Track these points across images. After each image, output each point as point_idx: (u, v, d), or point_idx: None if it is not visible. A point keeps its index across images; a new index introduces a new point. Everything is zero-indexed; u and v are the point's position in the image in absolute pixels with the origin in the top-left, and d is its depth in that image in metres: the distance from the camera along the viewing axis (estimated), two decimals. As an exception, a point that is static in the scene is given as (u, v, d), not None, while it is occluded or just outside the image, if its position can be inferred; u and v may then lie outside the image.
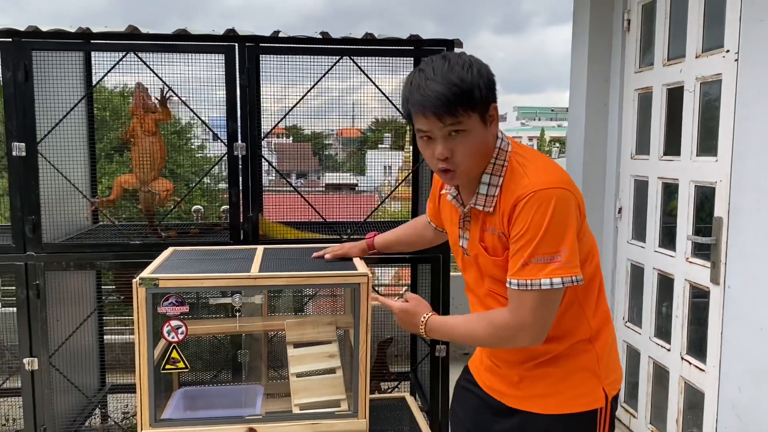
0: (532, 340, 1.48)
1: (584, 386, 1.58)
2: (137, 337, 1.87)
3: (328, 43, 2.83)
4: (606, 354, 1.62)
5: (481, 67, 1.45)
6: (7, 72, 2.61)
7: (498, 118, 1.50)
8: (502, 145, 1.52)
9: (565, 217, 1.40)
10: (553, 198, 1.39)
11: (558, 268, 1.40)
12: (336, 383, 2.16)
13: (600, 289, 1.63)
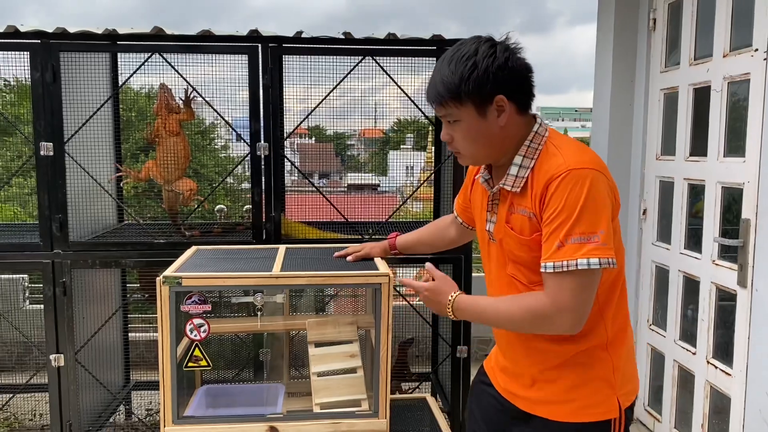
0: (572, 324, 1.43)
1: (598, 395, 1.53)
2: (161, 334, 1.89)
3: (350, 43, 2.83)
4: (623, 363, 1.57)
5: (481, 61, 1.45)
6: (35, 73, 2.66)
7: (508, 109, 1.48)
8: (539, 130, 1.53)
9: (601, 197, 1.39)
10: (588, 177, 1.38)
11: (595, 249, 1.36)
12: (357, 383, 2.17)
13: (622, 293, 1.58)
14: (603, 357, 1.54)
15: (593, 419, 1.53)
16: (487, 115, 1.48)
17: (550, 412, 1.56)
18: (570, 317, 1.41)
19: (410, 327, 3.58)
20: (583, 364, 1.53)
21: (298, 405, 2.31)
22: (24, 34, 2.68)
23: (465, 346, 2.91)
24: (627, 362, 1.59)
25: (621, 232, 1.56)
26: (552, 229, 1.40)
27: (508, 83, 1.46)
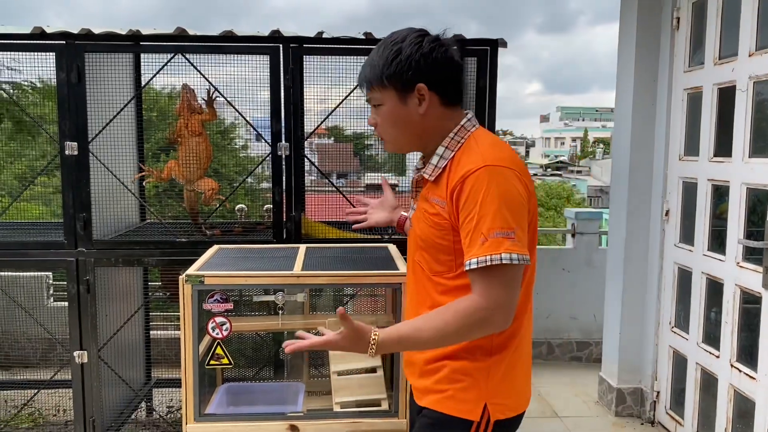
0: (506, 319, 1.39)
1: (465, 393, 1.49)
2: (183, 332, 1.91)
3: (371, 43, 2.83)
4: (502, 372, 1.50)
5: (406, 48, 1.47)
6: (61, 73, 2.69)
7: (429, 98, 1.48)
8: (466, 124, 1.52)
9: (516, 195, 1.39)
10: (503, 174, 1.39)
11: (513, 245, 1.35)
12: (376, 382, 2.17)
13: (523, 302, 1.50)
14: (481, 359, 1.49)
15: (454, 414, 1.49)
16: (408, 102, 1.49)
17: (429, 402, 1.53)
18: (503, 312, 1.38)
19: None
20: (463, 359, 1.48)
21: (317, 404, 2.32)
22: (50, 35, 2.72)
23: (485, 347, 2.90)
24: (508, 373, 1.51)
25: (641, 233, 1.53)
26: (474, 224, 1.37)
27: (430, 73, 1.47)
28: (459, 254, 1.43)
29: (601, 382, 3.95)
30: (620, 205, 3.71)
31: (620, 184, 3.71)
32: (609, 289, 3.90)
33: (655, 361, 3.58)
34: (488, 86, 2.81)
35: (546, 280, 4.73)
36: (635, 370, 3.72)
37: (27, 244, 2.86)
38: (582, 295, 4.74)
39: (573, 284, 4.74)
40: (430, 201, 1.51)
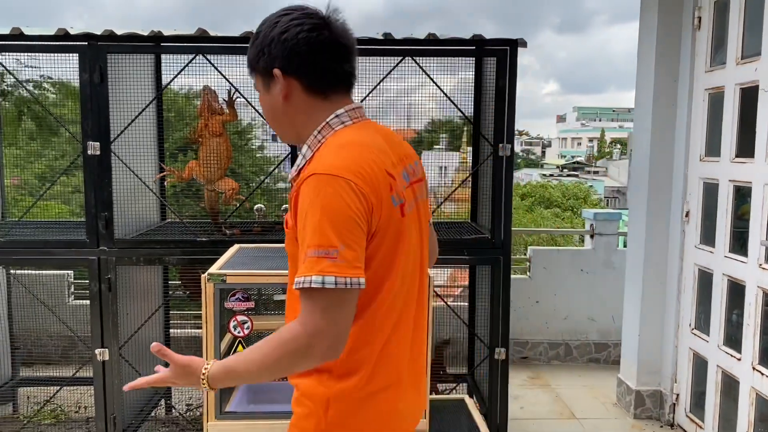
0: (328, 348, 1.18)
1: (305, 421, 1.31)
2: (205, 330, 1.93)
3: (390, 43, 2.84)
4: (344, 409, 1.29)
5: (263, 30, 1.31)
6: (84, 74, 2.73)
7: (288, 86, 1.31)
8: (332, 120, 1.32)
9: (342, 208, 1.17)
10: (330, 184, 1.18)
11: (332, 266, 1.15)
12: (396, 382, 2.17)
13: (369, 326, 1.29)
14: (327, 383, 1.30)
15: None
16: (271, 89, 1.33)
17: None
18: (325, 341, 1.17)
19: (447, 328, 3.58)
20: (311, 377, 1.31)
21: (336, 403, 2.32)
22: (73, 37, 2.75)
23: (503, 348, 2.90)
24: (354, 413, 1.30)
25: (661, 234, 1.41)
26: (301, 239, 1.21)
27: (284, 57, 1.28)
28: None
29: (619, 383, 3.93)
30: (639, 206, 3.68)
31: (640, 184, 3.68)
32: (628, 291, 3.87)
33: (674, 363, 3.56)
34: (507, 86, 2.79)
35: (564, 281, 4.71)
36: (654, 372, 3.69)
37: (50, 242, 2.90)
38: (600, 297, 4.71)
39: (591, 285, 4.71)
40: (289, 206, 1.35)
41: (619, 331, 4.08)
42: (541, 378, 4.44)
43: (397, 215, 1.26)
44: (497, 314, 2.90)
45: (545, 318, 4.73)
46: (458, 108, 2.98)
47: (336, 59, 1.30)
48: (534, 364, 4.73)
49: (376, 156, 1.25)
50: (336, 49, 1.29)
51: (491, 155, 2.87)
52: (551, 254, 4.79)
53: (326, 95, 1.32)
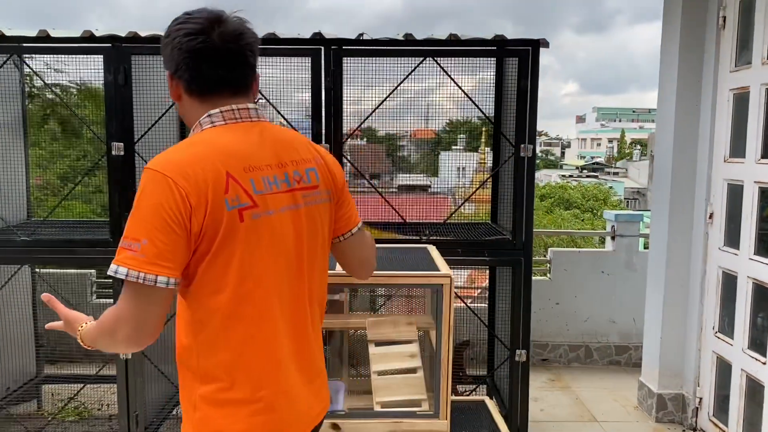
0: (131, 336, 1.22)
1: (183, 419, 1.35)
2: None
3: (411, 44, 2.84)
4: (211, 412, 1.30)
5: (166, 35, 1.34)
6: (108, 75, 2.76)
7: (176, 87, 1.35)
8: (203, 120, 1.33)
9: (153, 204, 1.19)
10: (148, 179, 1.21)
11: (131, 258, 1.17)
12: (417, 383, 2.17)
13: (230, 331, 1.29)
14: (186, 385, 1.34)
15: None
16: (170, 89, 1.38)
17: None
18: (126, 328, 1.22)
19: (466, 329, 3.57)
20: (180, 384, 1.36)
21: (357, 403, 2.33)
22: (98, 39, 2.79)
23: (524, 350, 2.88)
24: (220, 418, 1.30)
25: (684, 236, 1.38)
26: None
27: (170, 61, 1.33)
28: None
29: (640, 387, 3.89)
30: (662, 208, 3.65)
31: (662, 186, 3.64)
32: (650, 293, 3.84)
33: (697, 366, 3.51)
34: (529, 87, 2.78)
35: (585, 282, 4.68)
36: (677, 376, 3.65)
37: (74, 242, 2.94)
38: (621, 299, 4.67)
39: (612, 287, 4.68)
40: None
41: (640, 334, 4.05)
42: (561, 380, 4.41)
43: (233, 219, 1.24)
44: (518, 316, 2.89)
45: (565, 320, 4.70)
46: (479, 108, 2.98)
47: (212, 65, 1.30)
48: (554, 366, 4.70)
49: (217, 157, 1.25)
50: (212, 55, 1.29)
51: (512, 156, 2.86)
52: (572, 256, 4.75)
53: (204, 97, 1.33)
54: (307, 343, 1.39)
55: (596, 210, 20.98)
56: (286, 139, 1.38)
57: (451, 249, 2.83)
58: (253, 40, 1.35)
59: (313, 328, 1.41)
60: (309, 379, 1.40)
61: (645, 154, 47.10)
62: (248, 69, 1.35)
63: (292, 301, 1.34)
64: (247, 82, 1.36)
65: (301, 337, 1.38)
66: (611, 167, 52.89)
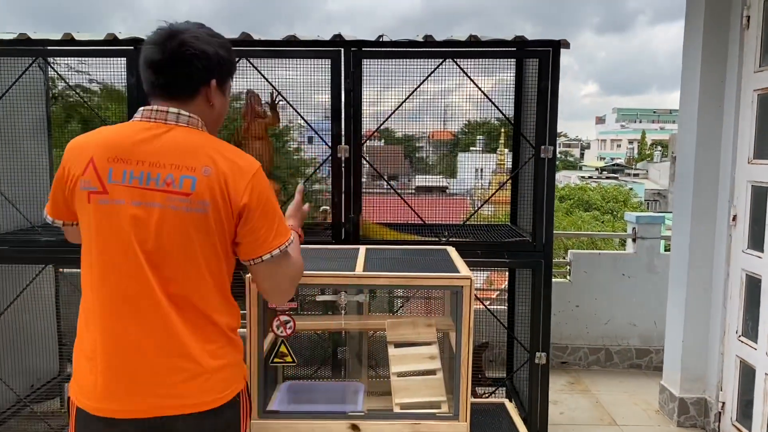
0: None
1: None
2: (249, 330, 1.95)
3: (431, 45, 2.84)
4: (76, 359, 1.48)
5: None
6: (131, 78, 2.79)
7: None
8: (135, 115, 1.52)
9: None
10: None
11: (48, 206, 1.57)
12: (436, 385, 2.17)
13: (83, 298, 1.47)
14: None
15: None
16: None
17: None
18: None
19: (484, 331, 3.55)
20: None
21: (376, 404, 2.33)
22: (121, 41, 2.82)
23: (544, 352, 2.87)
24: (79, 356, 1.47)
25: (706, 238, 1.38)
26: None
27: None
28: None
29: (662, 390, 3.85)
30: (684, 209, 3.61)
31: (684, 187, 3.60)
32: (671, 296, 3.79)
33: (720, 370, 3.47)
34: (550, 88, 2.77)
35: (605, 285, 4.64)
36: (699, 380, 3.61)
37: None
38: (642, 301, 4.62)
39: (633, 290, 4.63)
40: None
41: (661, 337, 4.00)
42: (580, 383, 4.38)
43: (83, 199, 1.43)
44: (538, 318, 2.87)
45: (585, 322, 4.67)
46: (499, 110, 2.97)
47: (150, 72, 1.46)
48: (573, 369, 4.66)
49: (93, 144, 1.44)
50: (150, 64, 1.45)
51: (533, 157, 2.85)
52: (592, 258, 4.72)
53: (148, 98, 1.51)
54: (155, 335, 1.42)
55: (616, 212, 20.79)
56: (181, 146, 1.42)
57: (471, 250, 2.83)
58: (199, 53, 1.45)
59: (169, 324, 1.42)
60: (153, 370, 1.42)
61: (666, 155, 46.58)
62: (185, 78, 1.46)
63: (131, 289, 1.41)
64: (184, 89, 1.47)
65: (147, 326, 1.41)
66: (631, 168, 52.38)
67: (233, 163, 1.44)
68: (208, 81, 1.48)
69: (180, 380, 1.42)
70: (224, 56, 1.50)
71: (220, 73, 1.50)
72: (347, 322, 2.51)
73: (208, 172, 1.40)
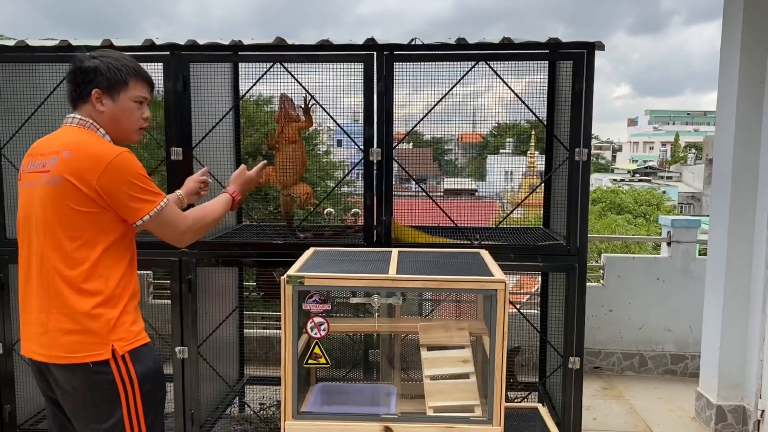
0: None
1: None
2: (283, 331, 1.97)
3: (464, 48, 2.83)
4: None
5: None
6: (168, 83, 2.84)
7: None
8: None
9: None
10: None
11: None
12: (470, 388, 2.16)
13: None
14: None
15: None
16: None
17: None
18: None
19: (516, 335, 3.53)
20: None
21: (409, 407, 2.33)
22: (158, 47, 2.87)
23: (578, 357, 2.84)
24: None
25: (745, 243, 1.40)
26: None
27: None
28: None
29: (698, 397, 3.78)
30: (721, 213, 3.54)
31: (722, 190, 3.54)
32: (708, 301, 3.72)
33: (759, 377, 3.39)
34: (584, 90, 2.74)
35: (639, 289, 4.58)
36: (737, 387, 3.53)
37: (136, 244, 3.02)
38: (677, 306, 4.55)
39: (668, 294, 4.56)
40: None
41: (697, 343, 3.93)
42: (614, 389, 4.32)
43: (19, 180, 1.89)
44: (571, 322, 2.84)
45: (619, 327, 4.60)
46: (533, 112, 2.94)
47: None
48: (606, 374, 4.60)
49: (37, 144, 1.90)
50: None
51: (566, 160, 2.82)
52: (626, 262, 4.65)
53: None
54: (31, 292, 1.84)
55: (649, 215, 20.44)
56: (61, 139, 1.84)
57: (504, 254, 2.81)
58: (81, 70, 1.86)
59: (40, 282, 1.82)
60: (36, 323, 1.82)
61: (700, 157, 45.67)
62: (73, 91, 1.88)
63: (34, 254, 1.82)
64: (74, 99, 1.89)
65: (32, 284, 1.84)
66: (664, 171, 51.48)
67: (92, 152, 1.79)
68: (89, 91, 1.85)
69: (42, 333, 1.81)
70: (103, 71, 1.85)
71: (100, 84, 1.85)
72: (384, 324, 2.51)
73: (62, 156, 1.78)
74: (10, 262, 3.01)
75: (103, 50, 1.94)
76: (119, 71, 1.88)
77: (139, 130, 1.98)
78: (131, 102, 1.91)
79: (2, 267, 3.00)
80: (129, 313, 1.87)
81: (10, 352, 3.07)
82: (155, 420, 1.90)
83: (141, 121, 1.96)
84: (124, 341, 1.82)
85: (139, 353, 1.85)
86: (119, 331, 1.82)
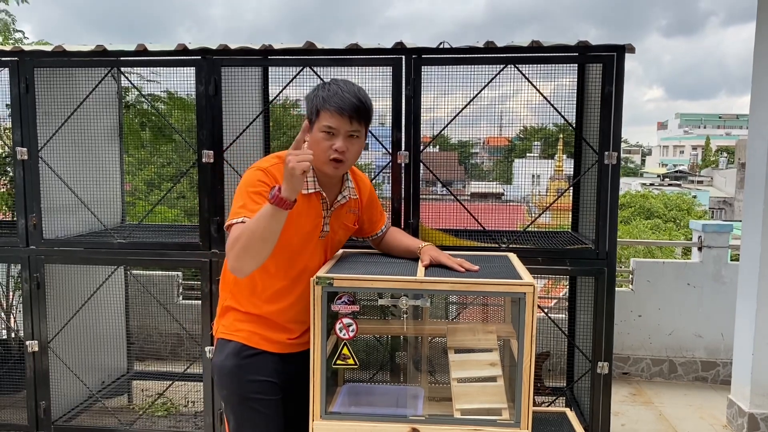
0: None
1: None
2: (313, 332, 1.99)
3: (492, 51, 2.83)
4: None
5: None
6: (200, 86, 2.89)
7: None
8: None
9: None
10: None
11: None
12: (497, 391, 2.16)
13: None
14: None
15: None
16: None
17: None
18: None
19: (543, 339, 3.51)
20: None
21: (436, 409, 2.33)
22: (190, 51, 2.92)
23: (606, 362, 2.81)
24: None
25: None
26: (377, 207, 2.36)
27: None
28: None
29: (730, 405, 3.71)
30: (755, 218, 3.48)
31: (755, 194, 3.48)
32: (740, 307, 3.66)
33: (793, 386, 3.33)
34: (614, 93, 2.72)
35: (669, 294, 4.52)
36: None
37: (166, 245, 3.08)
38: (708, 312, 4.48)
39: (699, 300, 4.49)
40: (351, 212, 2.22)
41: (728, 349, 3.87)
42: (643, 395, 4.27)
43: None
44: (600, 327, 2.82)
45: (648, 333, 4.55)
46: (562, 116, 2.93)
47: None
48: (635, 380, 4.55)
49: None
50: None
51: (596, 163, 2.80)
52: (655, 267, 4.60)
53: None
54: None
55: (679, 220, 20.14)
56: None
57: (531, 257, 2.80)
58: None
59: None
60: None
61: (732, 161, 44.84)
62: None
63: None
64: None
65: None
66: (695, 175, 50.64)
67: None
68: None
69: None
70: (307, 102, 2.03)
71: (308, 115, 2.03)
72: (408, 326, 2.52)
73: None
74: (47, 262, 3.09)
75: (333, 79, 2.03)
76: (313, 101, 1.96)
77: (331, 161, 1.96)
78: (318, 132, 1.95)
79: (39, 267, 3.08)
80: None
81: (45, 350, 3.14)
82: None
83: (330, 151, 1.94)
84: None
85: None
86: None
